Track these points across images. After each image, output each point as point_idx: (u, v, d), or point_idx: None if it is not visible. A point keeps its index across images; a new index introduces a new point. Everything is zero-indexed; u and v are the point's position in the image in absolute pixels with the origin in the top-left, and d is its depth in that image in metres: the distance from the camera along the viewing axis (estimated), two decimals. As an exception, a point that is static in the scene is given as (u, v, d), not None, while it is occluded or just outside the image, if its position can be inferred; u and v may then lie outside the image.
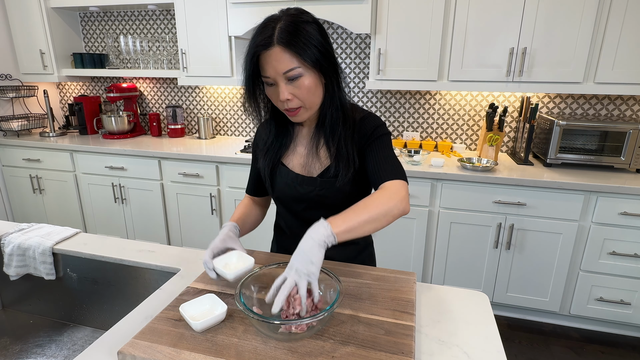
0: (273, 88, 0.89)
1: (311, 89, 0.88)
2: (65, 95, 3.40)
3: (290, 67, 0.84)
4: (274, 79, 0.86)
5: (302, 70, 0.85)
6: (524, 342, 2.11)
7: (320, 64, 0.87)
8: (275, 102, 0.92)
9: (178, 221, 2.67)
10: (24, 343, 1.16)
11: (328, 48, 0.89)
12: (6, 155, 2.94)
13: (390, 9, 2.19)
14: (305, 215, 1.06)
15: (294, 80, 0.86)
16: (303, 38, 0.84)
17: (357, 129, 0.98)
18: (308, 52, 0.84)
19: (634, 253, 1.98)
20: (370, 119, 0.99)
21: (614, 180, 1.96)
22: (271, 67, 0.85)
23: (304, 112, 0.92)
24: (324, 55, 0.88)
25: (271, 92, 0.90)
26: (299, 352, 0.71)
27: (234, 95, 3.00)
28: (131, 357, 0.71)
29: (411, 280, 0.96)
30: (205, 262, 0.89)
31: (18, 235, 1.23)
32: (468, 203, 2.12)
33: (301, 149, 1.04)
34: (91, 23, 3.15)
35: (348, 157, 0.97)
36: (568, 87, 2.09)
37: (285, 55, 0.83)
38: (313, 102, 0.92)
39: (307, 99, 0.89)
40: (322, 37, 0.88)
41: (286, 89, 0.86)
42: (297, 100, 0.89)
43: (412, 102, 2.65)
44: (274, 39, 0.83)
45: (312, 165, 1.02)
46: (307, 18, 0.87)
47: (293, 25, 0.84)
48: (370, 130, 0.97)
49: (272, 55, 0.84)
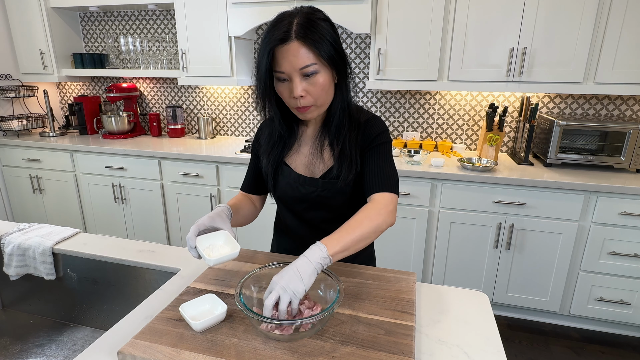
0: (286, 84, 0.88)
1: (325, 87, 0.88)
2: (65, 95, 3.40)
3: (307, 63, 0.84)
4: (289, 75, 0.85)
5: (318, 67, 0.85)
6: (524, 342, 2.11)
7: (335, 61, 0.87)
8: (287, 98, 0.90)
9: (178, 221, 2.67)
10: (24, 343, 1.16)
11: (341, 46, 0.90)
12: (6, 155, 2.94)
13: (390, 9, 2.19)
14: (306, 216, 1.06)
15: (310, 76, 0.85)
16: (320, 34, 0.84)
17: (362, 131, 0.98)
18: (325, 48, 0.84)
19: (634, 253, 1.98)
20: (375, 122, 1.00)
21: (614, 180, 1.96)
22: (287, 62, 0.84)
23: (314, 110, 0.91)
24: (338, 53, 0.88)
25: (283, 89, 0.89)
26: (299, 352, 0.71)
27: (234, 95, 3.00)
28: (131, 357, 0.71)
29: (411, 280, 0.96)
30: (188, 239, 0.85)
31: (18, 235, 1.23)
32: (468, 203, 2.12)
33: (305, 149, 1.03)
34: (91, 23, 3.15)
35: (351, 158, 0.96)
36: (568, 87, 2.09)
37: (303, 50, 0.83)
38: (325, 100, 0.91)
39: (320, 96, 0.89)
40: (336, 34, 0.88)
41: (301, 85, 0.85)
42: (310, 98, 0.88)
43: (412, 102, 2.65)
44: (291, 33, 0.82)
45: (315, 165, 1.01)
46: (321, 15, 0.88)
47: (310, 21, 0.84)
48: (374, 135, 0.98)
49: (289, 50, 0.83)
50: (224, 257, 0.84)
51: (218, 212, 0.94)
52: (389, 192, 0.93)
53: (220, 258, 0.83)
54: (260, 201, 1.19)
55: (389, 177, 0.95)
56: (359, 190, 1.02)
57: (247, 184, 1.16)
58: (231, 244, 0.88)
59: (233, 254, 0.85)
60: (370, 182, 0.95)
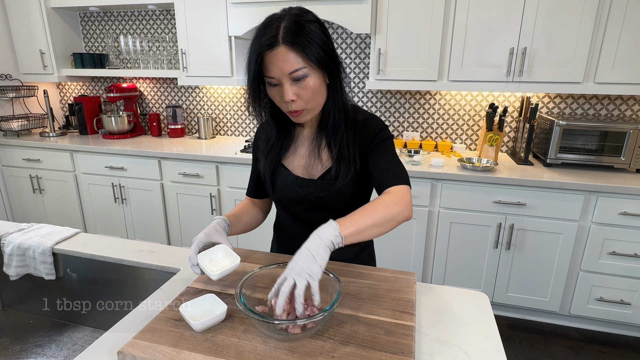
0: (277, 88, 0.87)
1: (316, 90, 0.88)
2: (65, 95, 3.40)
3: (296, 68, 0.83)
4: (279, 80, 0.85)
5: (308, 71, 0.84)
6: (524, 342, 2.11)
7: (325, 64, 0.86)
8: (279, 102, 0.90)
9: (178, 221, 2.67)
10: (24, 343, 1.16)
11: (332, 47, 0.88)
12: (6, 155, 2.94)
13: (390, 9, 2.19)
14: (305, 217, 1.06)
15: (299, 80, 0.85)
16: (308, 37, 0.83)
17: (360, 131, 0.98)
18: (313, 51, 0.83)
19: (634, 253, 1.98)
20: (372, 121, 0.99)
21: (614, 180, 1.96)
22: (276, 67, 0.83)
23: (307, 113, 0.91)
24: (329, 55, 0.87)
25: (274, 93, 0.89)
26: (299, 352, 0.71)
27: (234, 95, 3.00)
28: (131, 357, 0.71)
29: (411, 280, 0.96)
30: (190, 258, 0.87)
31: (18, 235, 1.23)
32: (468, 203, 2.12)
33: (302, 151, 1.03)
34: (91, 23, 3.15)
35: (349, 158, 0.96)
36: (568, 87, 2.09)
37: (291, 55, 0.82)
38: (317, 103, 0.91)
39: (311, 99, 0.88)
40: (326, 36, 0.87)
41: (291, 89, 0.85)
42: (301, 102, 0.88)
43: (412, 102, 2.65)
44: (279, 38, 0.81)
45: (313, 167, 1.01)
46: (310, 17, 0.86)
47: (297, 24, 0.82)
48: (373, 133, 0.97)
49: (277, 56, 0.82)
50: (225, 270, 0.86)
51: (213, 226, 0.94)
52: (404, 185, 0.93)
53: (222, 271, 0.85)
54: (265, 205, 1.19)
55: (401, 170, 0.96)
56: (359, 190, 1.02)
57: (251, 189, 1.16)
58: (230, 256, 0.89)
59: (234, 266, 0.87)
60: (382, 177, 0.94)
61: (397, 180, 0.93)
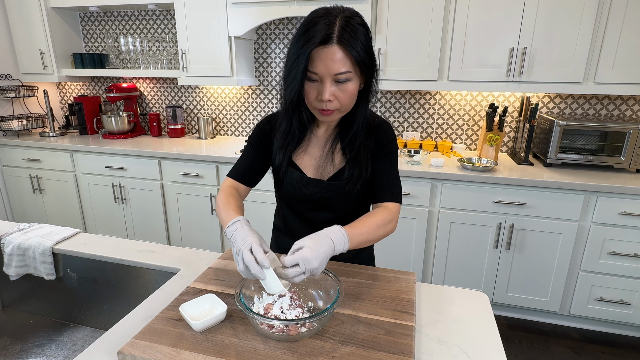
0: (315, 84, 0.85)
1: (353, 94, 0.87)
2: (65, 95, 3.39)
3: (343, 70, 0.82)
4: (321, 77, 0.83)
5: (352, 75, 0.84)
6: (524, 342, 2.10)
7: (366, 71, 0.86)
8: (311, 98, 0.88)
9: (178, 221, 2.67)
10: (24, 343, 1.16)
11: (374, 54, 0.88)
12: (6, 155, 2.94)
13: (391, 9, 2.19)
14: (308, 216, 1.06)
15: (341, 83, 0.84)
16: (360, 42, 0.82)
17: (374, 136, 0.99)
18: (361, 57, 0.83)
19: (634, 253, 1.98)
20: (386, 128, 1.01)
21: (614, 180, 1.96)
22: (323, 64, 0.81)
23: (337, 114, 0.91)
24: (372, 63, 0.87)
25: (311, 88, 0.86)
26: (299, 352, 0.71)
27: (234, 96, 3.00)
28: (131, 357, 0.71)
29: (411, 280, 0.96)
30: (262, 261, 0.74)
31: (18, 235, 1.23)
32: (468, 203, 2.12)
33: (314, 151, 1.02)
34: (91, 23, 3.15)
35: (361, 163, 0.97)
36: (568, 87, 2.09)
37: (341, 56, 0.81)
38: (349, 107, 0.91)
39: (346, 103, 0.88)
40: (370, 42, 0.87)
41: (330, 89, 0.84)
42: (337, 103, 0.87)
43: (412, 102, 2.65)
44: (334, 37, 0.80)
45: (325, 168, 1.01)
46: (360, 21, 0.85)
47: (352, 27, 0.81)
48: (385, 142, 0.99)
49: (328, 53, 0.81)
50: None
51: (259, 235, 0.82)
52: (397, 203, 0.99)
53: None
54: (246, 192, 1.11)
55: (399, 187, 1.01)
56: (363, 191, 1.02)
57: (242, 174, 1.06)
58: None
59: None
60: (383, 189, 0.99)
61: (394, 197, 0.99)
